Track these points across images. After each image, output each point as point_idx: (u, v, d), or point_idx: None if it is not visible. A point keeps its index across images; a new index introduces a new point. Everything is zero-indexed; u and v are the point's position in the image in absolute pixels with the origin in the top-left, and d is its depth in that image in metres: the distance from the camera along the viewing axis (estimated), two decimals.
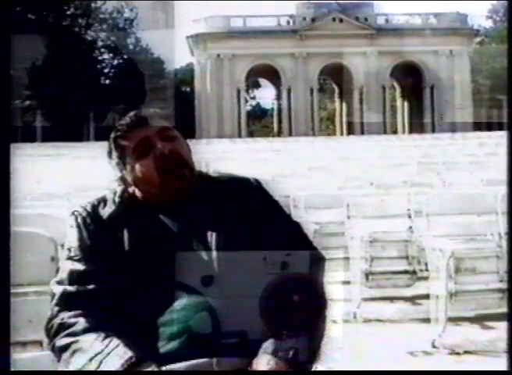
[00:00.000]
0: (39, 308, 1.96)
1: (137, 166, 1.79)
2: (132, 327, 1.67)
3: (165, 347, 1.65)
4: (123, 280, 1.72)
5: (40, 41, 38.26)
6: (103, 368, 1.58)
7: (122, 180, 1.85)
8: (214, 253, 1.73)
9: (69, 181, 10.44)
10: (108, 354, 1.60)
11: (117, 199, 1.84)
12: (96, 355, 1.60)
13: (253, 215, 1.82)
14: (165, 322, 1.67)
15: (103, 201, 1.84)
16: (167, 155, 1.78)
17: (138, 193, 1.83)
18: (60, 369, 1.69)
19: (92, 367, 1.59)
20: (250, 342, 1.64)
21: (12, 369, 1.81)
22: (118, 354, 1.59)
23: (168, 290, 1.69)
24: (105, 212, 1.81)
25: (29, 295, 2.08)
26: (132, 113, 1.86)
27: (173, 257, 1.71)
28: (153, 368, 1.57)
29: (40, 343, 2.02)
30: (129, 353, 1.59)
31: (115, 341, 1.62)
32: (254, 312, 1.63)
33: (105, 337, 1.63)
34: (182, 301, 1.67)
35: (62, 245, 1.86)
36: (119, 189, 1.87)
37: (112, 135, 1.85)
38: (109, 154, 1.86)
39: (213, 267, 1.72)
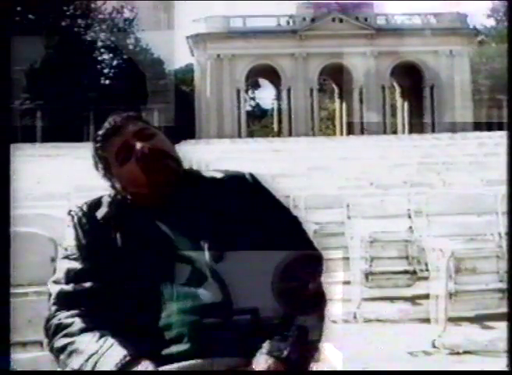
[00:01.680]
0: (39, 309, 1.96)
1: (123, 173, 1.81)
2: (127, 326, 1.67)
3: (163, 351, 1.65)
4: (119, 279, 1.72)
5: (40, 42, 38.28)
6: (99, 368, 1.59)
7: (114, 188, 1.87)
8: (209, 252, 1.73)
9: (69, 181, 10.43)
10: (103, 354, 1.60)
11: (111, 201, 1.85)
12: (91, 356, 1.61)
13: (249, 211, 1.82)
14: (163, 326, 1.67)
15: (99, 201, 1.86)
16: (148, 153, 1.79)
17: (130, 197, 1.84)
18: (59, 370, 1.70)
19: (88, 368, 1.60)
20: (247, 342, 1.64)
21: (12, 369, 1.82)
22: (112, 353, 1.60)
23: (162, 290, 1.69)
24: (100, 212, 1.83)
25: (29, 295, 2.08)
26: (106, 123, 1.86)
27: (167, 257, 1.72)
28: (148, 365, 1.58)
29: (40, 343, 2.02)
30: (124, 352, 1.60)
31: (110, 341, 1.63)
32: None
33: (100, 337, 1.64)
34: (177, 305, 1.67)
35: None
36: (113, 191, 1.88)
37: (92, 148, 1.87)
38: (95, 166, 1.88)
39: (208, 266, 1.72)
